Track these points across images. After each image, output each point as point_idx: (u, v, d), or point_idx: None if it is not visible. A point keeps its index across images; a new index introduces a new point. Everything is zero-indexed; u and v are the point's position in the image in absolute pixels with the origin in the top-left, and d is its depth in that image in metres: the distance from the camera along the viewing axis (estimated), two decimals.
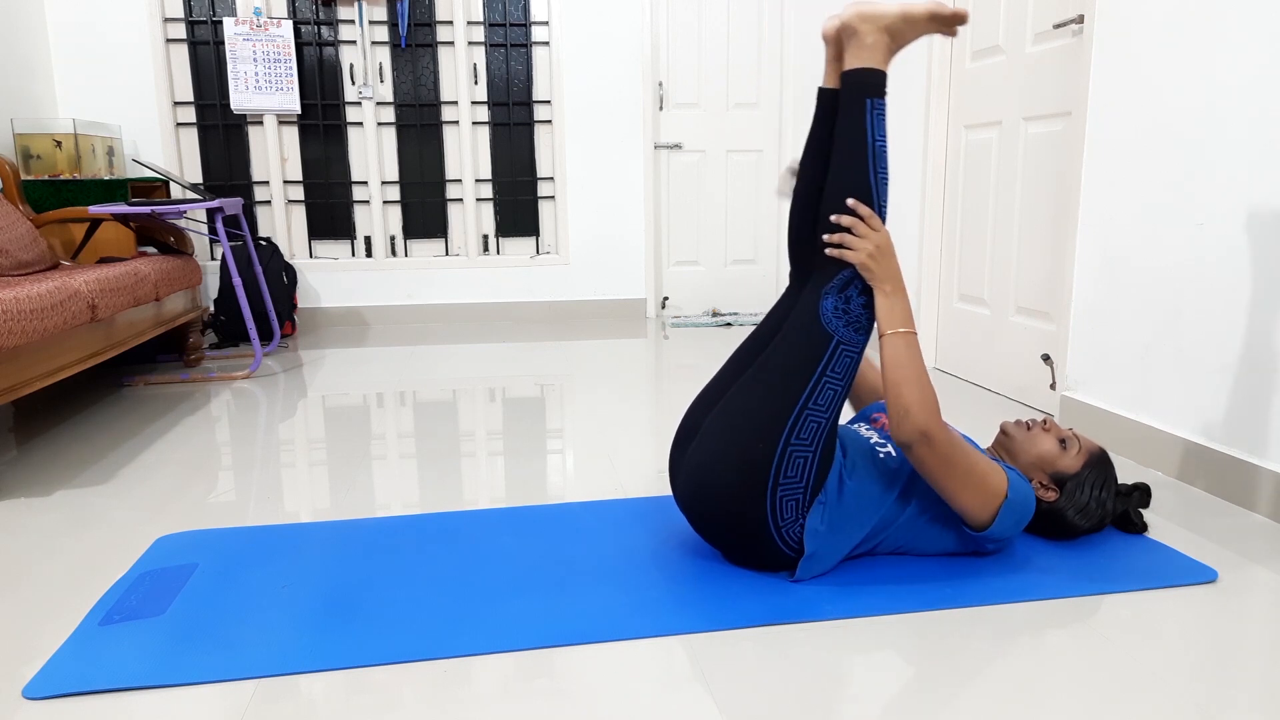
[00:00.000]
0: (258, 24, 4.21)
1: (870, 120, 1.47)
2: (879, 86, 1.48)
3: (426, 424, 2.62)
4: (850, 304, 1.47)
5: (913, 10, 1.50)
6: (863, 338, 1.48)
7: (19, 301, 2.11)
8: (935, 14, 1.51)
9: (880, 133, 1.48)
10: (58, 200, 3.58)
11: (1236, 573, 1.56)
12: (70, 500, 1.98)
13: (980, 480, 1.45)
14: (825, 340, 1.45)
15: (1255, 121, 1.82)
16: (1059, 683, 1.21)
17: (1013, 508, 1.48)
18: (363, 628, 1.37)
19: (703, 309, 4.87)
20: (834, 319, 1.46)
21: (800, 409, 1.44)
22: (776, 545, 1.47)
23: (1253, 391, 1.85)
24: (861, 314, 1.48)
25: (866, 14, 1.48)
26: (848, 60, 1.50)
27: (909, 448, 1.42)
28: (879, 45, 1.48)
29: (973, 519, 1.48)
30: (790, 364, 1.46)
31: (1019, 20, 2.71)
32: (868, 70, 1.48)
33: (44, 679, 1.23)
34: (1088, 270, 2.35)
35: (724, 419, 1.48)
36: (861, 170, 1.47)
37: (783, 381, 1.45)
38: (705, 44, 4.60)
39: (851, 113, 1.48)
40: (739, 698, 1.19)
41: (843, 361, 1.46)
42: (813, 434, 1.44)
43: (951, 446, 1.42)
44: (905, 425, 1.41)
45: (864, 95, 1.47)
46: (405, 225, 4.58)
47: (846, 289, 1.47)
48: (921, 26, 1.52)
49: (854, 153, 1.47)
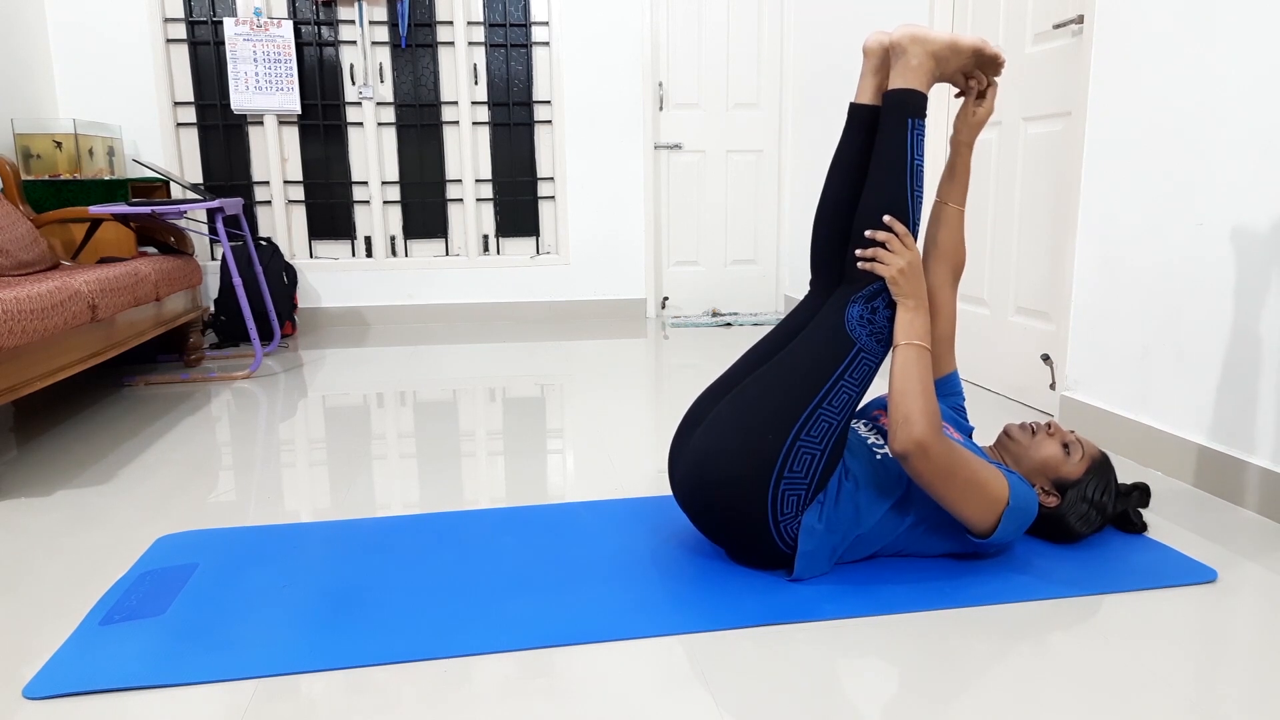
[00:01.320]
0: (258, 24, 4.21)
1: (911, 140, 1.51)
2: (920, 108, 1.52)
3: (426, 424, 2.62)
4: (876, 315, 1.50)
5: (960, 41, 1.55)
6: (883, 349, 1.50)
7: (19, 301, 2.11)
8: (980, 50, 1.57)
9: (919, 153, 1.52)
10: (58, 200, 3.58)
11: (1236, 573, 1.56)
12: (70, 500, 1.98)
13: (980, 490, 1.45)
14: (847, 346, 1.48)
15: (1255, 121, 1.82)
16: (1059, 683, 1.21)
17: (1015, 514, 1.48)
18: (363, 628, 1.37)
19: (703, 309, 4.87)
20: (858, 327, 1.49)
21: (815, 407, 1.45)
22: (773, 539, 1.47)
23: (1253, 391, 1.85)
24: (885, 326, 1.50)
25: (918, 36, 1.53)
26: (892, 79, 1.55)
27: (905, 459, 1.41)
28: (924, 69, 1.53)
29: (975, 527, 1.48)
30: (810, 364, 1.48)
31: (1019, 20, 2.72)
32: (911, 91, 1.52)
33: (44, 679, 1.23)
34: (1087, 270, 2.35)
35: (735, 408, 1.49)
36: (900, 188, 1.51)
37: (800, 379, 1.47)
38: (705, 44, 4.60)
39: (893, 131, 1.52)
40: (738, 697, 1.19)
41: (861, 368, 1.48)
42: (823, 433, 1.45)
43: (950, 458, 1.42)
44: (904, 434, 1.41)
45: (906, 115, 1.51)
46: (405, 225, 4.58)
47: (874, 300, 1.50)
48: (965, 59, 1.58)
49: (893, 171, 1.51)
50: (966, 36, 1.57)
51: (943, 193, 1.72)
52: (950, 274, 1.73)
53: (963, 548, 1.56)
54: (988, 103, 1.66)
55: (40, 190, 3.57)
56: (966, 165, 1.71)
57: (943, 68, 1.56)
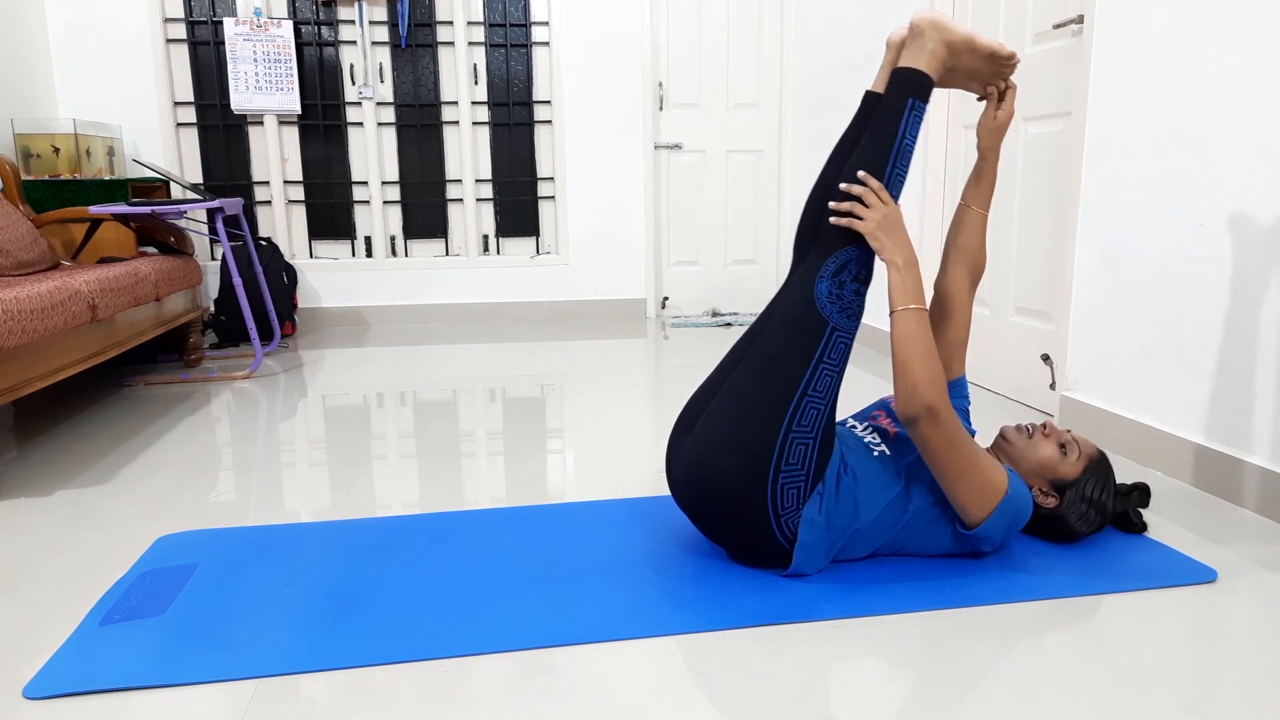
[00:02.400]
0: (258, 24, 4.21)
1: (906, 118, 1.50)
2: (923, 89, 1.51)
3: (426, 424, 2.62)
4: (844, 289, 1.47)
5: (977, 39, 1.56)
6: (854, 324, 1.48)
7: (19, 301, 2.11)
8: (994, 52, 1.57)
9: (912, 134, 1.50)
10: (58, 200, 3.58)
11: (1236, 573, 1.56)
12: (70, 500, 1.98)
13: (982, 472, 1.45)
14: (820, 326, 1.46)
15: (1255, 121, 1.82)
16: (1059, 683, 1.21)
17: (1009, 507, 1.48)
18: (363, 628, 1.37)
19: (703, 309, 4.87)
20: (828, 304, 1.47)
21: (800, 395, 1.44)
22: (774, 535, 1.47)
23: (1253, 391, 1.85)
24: (854, 300, 1.48)
25: (937, 22, 1.53)
26: (903, 58, 1.54)
27: (914, 424, 1.41)
28: (936, 54, 1.53)
29: (969, 513, 1.47)
30: (788, 351, 1.46)
31: (1019, 20, 2.72)
32: (917, 72, 1.52)
33: (44, 679, 1.23)
34: (1087, 270, 2.35)
35: (724, 408, 1.48)
36: (881, 160, 1.49)
37: (781, 369, 1.45)
38: (705, 44, 4.60)
39: (890, 106, 1.51)
40: (738, 698, 1.19)
41: (838, 348, 1.47)
42: (813, 420, 1.45)
43: (956, 430, 1.42)
44: (913, 400, 1.40)
45: (907, 94, 1.50)
46: (405, 225, 4.58)
47: (840, 273, 1.47)
48: (979, 57, 1.57)
49: (879, 142, 1.50)
50: (985, 37, 1.56)
51: (967, 196, 1.72)
52: (969, 278, 1.72)
53: (959, 547, 1.56)
54: (1007, 105, 1.65)
55: (40, 190, 3.57)
56: (993, 170, 1.70)
57: (955, 59, 1.56)
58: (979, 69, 1.60)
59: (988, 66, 1.60)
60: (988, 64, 1.59)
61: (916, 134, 1.51)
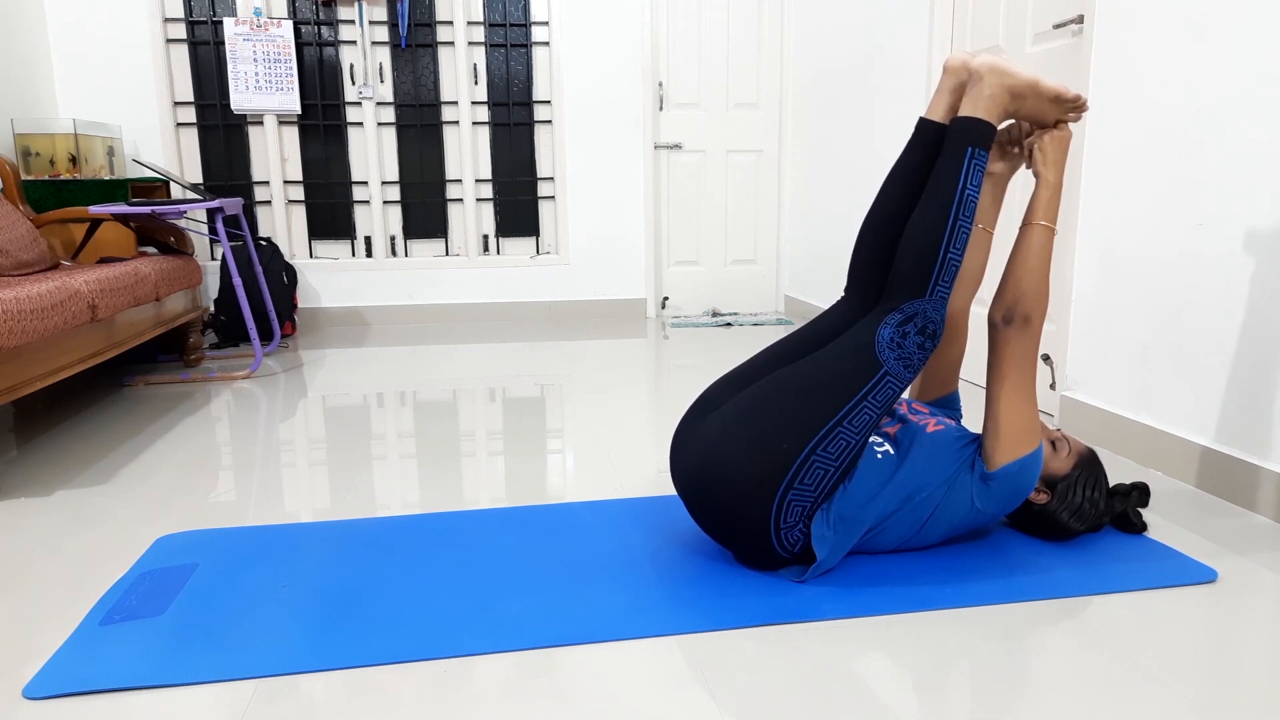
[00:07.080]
0: (258, 24, 4.21)
1: (967, 168, 1.51)
2: (985, 139, 1.52)
3: (426, 424, 2.62)
4: (906, 340, 1.49)
5: (1042, 83, 1.55)
6: (909, 375, 1.50)
7: (19, 301, 2.11)
8: (1060, 95, 1.57)
9: (974, 184, 1.51)
10: (58, 200, 3.58)
11: (1236, 573, 1.56)
12: (70, 500, 1.98)
13: (1030, 408, 1.53)
14: (874, 368, 1.48)
15: (1255, 121, 1.82)
16: (1059, 683, 1.21)
17: (1026, 466, 1.52)
18: (363, 628, 1.37)
19: (703, 309, 4.87)
20: (887, 350, 1.48)
21: (835, 424, 1.45)
22: (771, 544, 1.47)
23: (1253, 391, 1.85)
24: (915, 352, 1.50)
25: (999, 68, 1.53)
26: (964, 106, 1.55)
27: (1008, 325, 1.51)
28: (997, 101, 1.53)
29: (998, 447, 1.53)
30: (835, 380, 1.47)
31: (1019, 20, 2.72)
32: (979, 120, 1.53)
33: (44, 679, 1.23)
34: (1088, 270, 2.35)
35: (750, 408, 1.48)
36: (944, 212, 1.50)
37: (823, 393, 1.46)
38: (705, 44, 4.60)
39: (952, 157, 1.52)
40: (739, 697, 1.19)
41: (885, 392, 1.48)
42: (840, 451, 1.46)
43: (1034, 352, 1.50)
44: (1019, 304, 1.51)
45: (968, 143, 1.52)
46: (405, 225, 4.58)
47: (906, 325, 1.49)
48: (1044, 102, 1.57)
49: (942, 194, 1.51)
50: (1050, 80, 1.56)
51: (982, 217, 1.74)
52: (972, 297, 1.77)
53: (959, 526, 1.57)
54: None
55: (40, 190, 3.56)
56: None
57: (1017, 104, 1.56)
58: (1044, 111, 1.59)
59: (1054, 110, 1.59)
60: (1054, 107, 1.58)
61: (980, 184, 1.52)
